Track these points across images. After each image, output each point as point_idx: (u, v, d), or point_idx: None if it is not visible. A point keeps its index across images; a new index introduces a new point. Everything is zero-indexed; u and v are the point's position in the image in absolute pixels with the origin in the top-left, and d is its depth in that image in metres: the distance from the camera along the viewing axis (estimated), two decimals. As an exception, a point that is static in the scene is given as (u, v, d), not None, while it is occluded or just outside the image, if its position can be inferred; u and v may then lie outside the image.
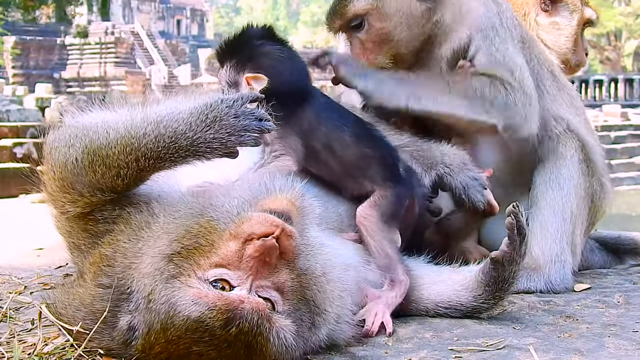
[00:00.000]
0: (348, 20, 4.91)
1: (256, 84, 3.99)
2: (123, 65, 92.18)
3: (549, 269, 4.62)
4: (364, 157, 3.97)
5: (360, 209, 3.87)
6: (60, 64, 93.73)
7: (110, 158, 3.33)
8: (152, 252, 3.20)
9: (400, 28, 4.80)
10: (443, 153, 4.53)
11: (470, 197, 4.40)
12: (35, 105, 37.06)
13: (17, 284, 4.96)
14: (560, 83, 5.20)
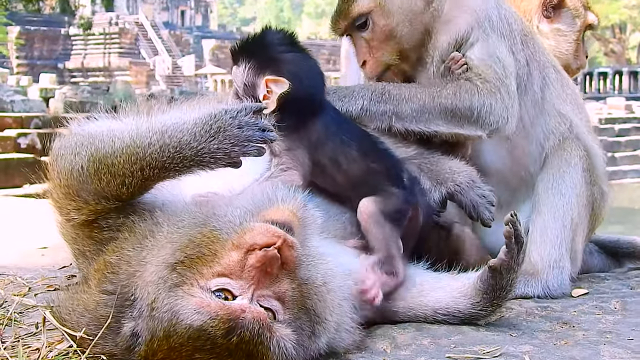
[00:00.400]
0: (353, 19, 4.98)
1: (276, 87, 4.02)
2: (127, 55, 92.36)
3: (547, 275, 4.66)
4: (370, 171, 4.01)
5: (362, 202, 3.92)
6: (64, 54, 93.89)
7: (115, 167, 3.40)
8: (156, 261, 3.26)
9: (403, 24, 4.87)
10: (452, 170, 4.56)
11: (479, 215, 4.45)
12: (40, 95, 37.09)
13: (22, 285, 5.00)
14: (563, 79, 5.26)
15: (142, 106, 4.14)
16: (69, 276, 5.21)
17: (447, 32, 4.84)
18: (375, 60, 4.97)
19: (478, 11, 4.83)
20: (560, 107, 5.05)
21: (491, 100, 4.60)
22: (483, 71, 4.67)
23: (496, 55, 4.74)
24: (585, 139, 5.02)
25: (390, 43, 4.91)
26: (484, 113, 4.60)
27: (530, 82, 4.99)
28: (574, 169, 4.83)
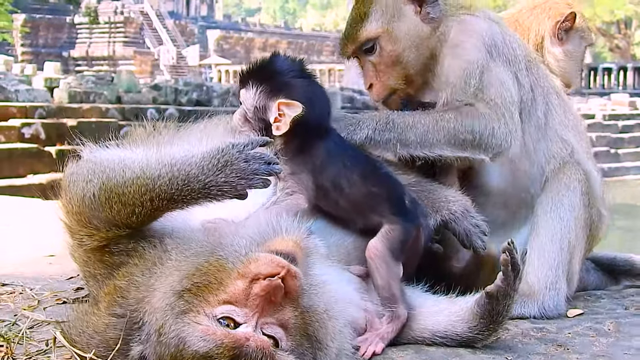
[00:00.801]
0: (361, 44, 5.09)
1: (289, 110, 4.14)
2: (132, 45, 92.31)
3: (544, 296, 4.75)
4: (372, 195, 4.09)
5: (371, 243, 3.99)
6: (69, 42, 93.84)
7: (126, 196, 3.51)
8: (164, 288, 3.38)
9: (409, 49, 4.99)
10: (448, 199, 4.66)
11: (472, 243, 4.57)
12: (44, 85, 37.04)
13: (31, 298, 5.10)
14: (565, 104, 5.33)
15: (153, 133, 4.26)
16: (76, 288, 5.32)
17: (453, 56, 4.94)
18: (382, 84, 5.08)
19: (484, 36, 4.92)
20: (562, 133, 5.13)
21: (494, 125, 4.68)
22: (487, 96, 4.76)
23: (501, 81, 4.82)
24: (585, 164, 5.10)
25: (397, 68, 5.02)
26: (487, 136, 4.68)
27: (534, 108, 5.07)
28: (573, 192, 4.91)
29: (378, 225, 4.05)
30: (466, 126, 4.68)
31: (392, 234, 3.99)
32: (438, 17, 5.04)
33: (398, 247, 3.99)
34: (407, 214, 4.09)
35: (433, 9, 5.03)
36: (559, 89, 5.37)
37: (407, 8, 5.05)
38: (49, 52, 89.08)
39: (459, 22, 5.03)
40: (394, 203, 4.10)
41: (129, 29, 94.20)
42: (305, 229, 3.61)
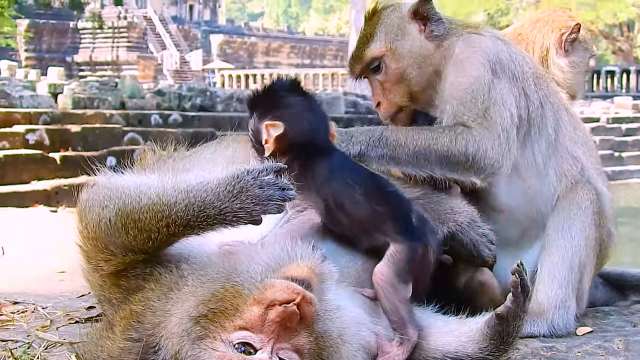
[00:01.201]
0: (367, 63, 5.22)
1: (273, 130, 4.19)
2: (135, 49, 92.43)
3: (553, 314, 4.77)
4: (376, 214, 4.07)
5: (377, 269, 3.99)
6: (72, 47, 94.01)
7: (142, 222, 3.55)
8: (180, 313, 3.42)
9: (412, 67, 5.10)
10: (453, 210, 4.71)
11: (479, 253, 4.62)
12: (48, 91, 37.03)
13: (43, 317, 5.15)
14: (575, 120, 5.35)
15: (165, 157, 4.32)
16: (88, 307, 5.36)
17: (456, 73, 4.98)
18: (388, 102, 5.19)
19: (488, 53, 4.95)
20: (572, 149, 5.14)
21: (487, 147, 4.71)
22: (486, 115, 4.79)
23: (503, 99, 4.84)
24: (596, 182, 5.11)
25: (402, 85, 5.12)
26: (479, 159, 4.71)
27: (544, 124, 5.08)
28: (584, 212, 4.92)
29: (384, 245, 4.03)
30: (459, 148, 4.72)
31: (398, 256, 3.97)
32: (442, 35, 5.12)
33: (405, 269, 3.98)
34: (413, 233, 4.06)
35: (437, 27, 5.13)
36: (567, 104, 5.39)
37: (412, 27, 5.16)
38: (52, 57, 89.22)
39: (464, 39, 5.09)
40: (399, 222, 4.07)
41: (132, 34, 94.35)
42: (320, 254, 3.64)
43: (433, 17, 5.14)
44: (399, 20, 5.19)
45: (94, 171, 4.09)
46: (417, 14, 5.16)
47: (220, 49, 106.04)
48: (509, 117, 4.81)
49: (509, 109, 4.84)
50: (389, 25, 5.19)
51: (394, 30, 5.16)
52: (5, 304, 5.42)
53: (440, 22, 5.14)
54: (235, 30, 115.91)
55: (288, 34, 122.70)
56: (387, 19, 5.23)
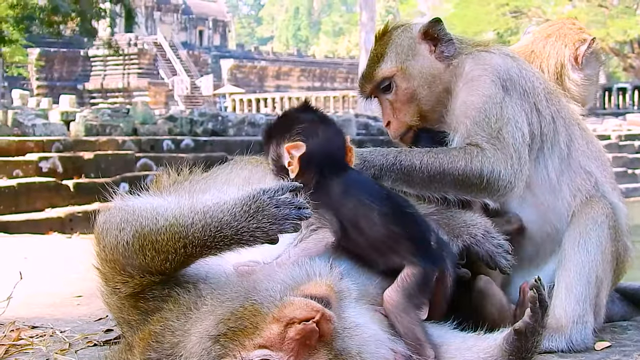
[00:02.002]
0: (377, 83, 5.24)
1: (295, 151, 4.18)
2: (146, 76, 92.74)
3: (571, 330, 4.74)
4: (392, 235, 4.04)
5: (387, 294, 3.97)
6: (83, 75, 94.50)
7: (159, 243, 3.58)
8: (200, 333, 3.44)
9: (422, 87, 5.12)
10: (467, 223, 4.71)
11: (497, 264, 4.61)
12: (60, 119, 37.30)
13: (62, 341, 5.16)
14: (588, 135, 5.33)
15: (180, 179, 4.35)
16: (106, 330, 5.37)
17: (467, 92, 4.99)
18: (398, 122, 5.21)
19: (499, 70, 4.96)
20: (585, 164, 5.13)
21: (501, 168, 4.72)
22: (499, 135, 4.80)
23: (515, 119, 4.85)
24: (611, 196, 5.09)
25: (412, 105, 5.14)
26: (493, 180, 4.72)
27: (557, 139, 5.08)
28: (600, 227, 4.90)
29: (399, 267, 4.00)
30: (474, 171, 4.72)
31: (409, 280, 3.95)
32: (452, 55, 5.15)
33: (417, 292, 3.96)
34: (429, 256, 4.04)
35: (447, 48, 5.16)
36: (580, 119, 5.37)
37: (422, 47, 5.19)
38: (63, 85, 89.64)
39: (473, 57, 5.10)
40: (415, 244, 4.05)
41: (142, 61, 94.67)
42: (338, 272, 3.66)
43: (443, 37, 5.17)
44: (410, 40, 5.22)
45: (107, 197, 4.12)
46: (427, 35, 5.19)
47: (231, 73, 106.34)
48: (520, 137, 4.81)
49: (520, 128, 4.84)
50: (399, 45, 5.22)
51: (404, 51, 5.19)
52: (24, 329, 5.43)
53: (450, 42, 5.17)
54: (245, 54, 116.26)
55: (298, 57, 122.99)
56: (397, 39, 5.25)
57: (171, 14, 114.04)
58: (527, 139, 4.86)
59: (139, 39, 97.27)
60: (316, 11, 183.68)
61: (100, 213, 3.92)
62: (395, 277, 3.99)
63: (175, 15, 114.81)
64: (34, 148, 30.88)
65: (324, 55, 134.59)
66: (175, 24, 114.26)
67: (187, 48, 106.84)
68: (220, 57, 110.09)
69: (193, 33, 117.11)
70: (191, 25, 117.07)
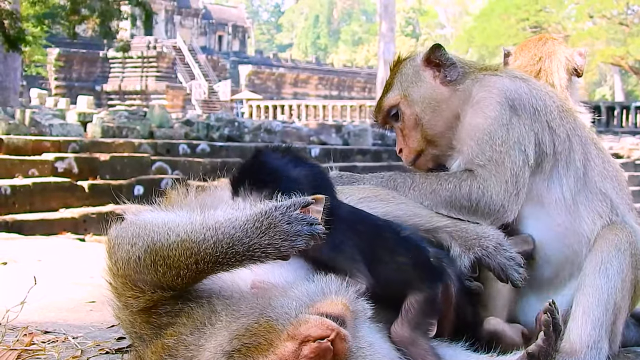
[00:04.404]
0: (386, 112, 5.36)
1: (317, 205, 3.80)
2: (164, 79, 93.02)
3: (585, 355, 4.68)
4: (403, 266, 4.01)
5: (393, 330, 3.93)
6: (102, 76, 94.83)
7: (171, 259, 3.58)
8: (214, 348, 3.43)
9: (425, 112, 5.16)
10: (479, 235, 4.70)
11: (508, 277, 4.61)
12: (77, 120, 37.45)
13: (74, 347, 5.18)
14: (604, 155, 5.29)
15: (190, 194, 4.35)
16: (118, 338, 5.38)
17: (473, 114, 5.00)
18: (408, 148, 5.26)
19: (506, 91, 4.95)
20: (601, 185, 5.08)
21: (492, 192, 4.74)
22: (497, 159, 4.80)
23: (520, 142, 4.85)
24: (631, 222, 5.06)
25: (418, 130, 5.19)
26: (483, 204, 4.74)
27: (572, 158, 5.04)
28: (623, 254, 4.84)
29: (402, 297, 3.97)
30: (463, 194, 4.76)
31: (414, 309, 3.92)
32: (457, 79, 5.17)
33: (423, 319, 3.94)
34: (431, 276, 4.03)
35: (450, 72, 5.19)
36: (596, 138, 5.34)
37: (426, 73, 5.25)
38: (81, 86, 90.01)
39: (480, 81, 5.11)
40: (417, 268, 4.03)
41: (161, 64, 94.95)
42: (354, 291, 3.64)
43: (446, 62, 5.21)
44: (414, 68, 5.31)
45: (122, 200, 4.12)
46: (429, 61, 5.25)
47: (249, 79, 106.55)
48: (521, 161, 4.80)
49: (525, 151, 4.83)
50: (404, 74, 5.33)
51: (408, 78, 5.28)
52: (36, 334, 5.44)
53: (453, 67, 5.20)
54: (264, 61, 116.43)
55: (316, 65, 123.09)
56: (404, 68, 5.36)
57: (191, 19, 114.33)
58: (530, 161, 4.85)
59: (158, 42, 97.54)
60: (336, 20, 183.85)
61: (112, 227, 3.92)
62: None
63: (195, 20, 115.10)
64: (50, 148, 31.01)
65: (343, 64, 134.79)
66: (194, 28, 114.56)
67: (206, 53, 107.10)
68: (239, 63, 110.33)
69: (212, 38, 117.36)
70: (211, 30, 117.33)
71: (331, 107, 74.39)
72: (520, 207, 4.85)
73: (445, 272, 4.16)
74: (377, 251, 4.01)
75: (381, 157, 42.36)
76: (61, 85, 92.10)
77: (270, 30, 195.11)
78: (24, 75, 72.13)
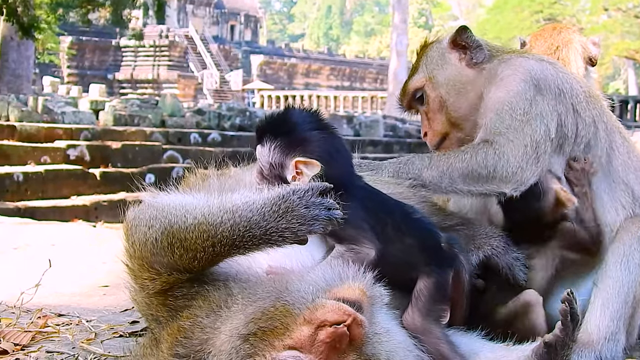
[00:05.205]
0: (412, 95, 5.37)
1: (307, 169, 3.98)
2: (176, 68, 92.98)
3: (602, 346, 4.65)
4: (408, 249, 3.97)
5: (405, 318, 3.89)
6: (114, 65, 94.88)
7: (188, 241, 3.56)
8: (230, 331, 3.42)
9: (450, 94, 5.18)
10: (488, 235, 4.76)
11: (514, 276, 4.67)
12: (90, 108, 37.53)
13: (88, 330, 5.20)
14: (629, 145, 5.22)
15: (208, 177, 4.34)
16: (132, 321, 5.40)
17: (496, 89, 4.97)
18: (433, 131, 5.28)
19: (531, 70, 4.93)
20: (624, 175, 5.03)
21: (508, 156, 4.67)
22: (517, 127, 4.74)
23: (542, 116, 4.80)
24: None
25: (443, 112, 5.21)
26: (500, 168, 4.67)
27: (596, 144, 5.00)
28: None
29: (414, 279, 3.94)
30: (479, 161, 4.71)
31: (424, 295, 3.88)
32: (482, 61, 5.17)
33: (434, 305, 3.90)
34: (442, 260, 3.99)
35: (476, 55, 5.20)
36: (621, 127, 5.29)
37: (452, 56, 5.26)
38: (94, 74, 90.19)
39: (506, 61, 5.10)
40: (427, 252, 3.98)
41: (173, 53, 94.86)
42: (371, 276, 3.62)
43: (472, 44, 5.22)
44: (440, 50, 5.32)
45: (134, 188, 4.11)
46: (456, 43, 5.26)
47: (260, 69, 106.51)
48: (543, 132, 4.74)
49: (547, 125, 4.78)
50: (430, 57, 5.33)
51: (434, 61, 5.29)
52: (50, 316, 5.47)
53: (479, 49, 5.21)
54: (276, 51, 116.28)
55: (328, 55, 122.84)
56: (430, 51, 5.36)
57: (203, 8, 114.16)
58: (551, 135, 4.78)
59: (170, 31, 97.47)
60: (348, 10, 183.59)
61: (130, 209, 3.91)
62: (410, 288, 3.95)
63: (208, 9, 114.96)
64: (62, 135, 31.12)
65: (355, 55, 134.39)
66: (207, 17, 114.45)
67: (218, 42, 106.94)
68: (251, 53, 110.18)
69: (224, 27, 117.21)
70: (223, 19, 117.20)
71: (343, 98, 74.38)
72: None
73: (457, 258, 4.10)
74: (384, 229, 3.96)
75: (392, 149, 42.29)
76: (73, 73, 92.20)
77: (283, 20, 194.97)
78: (37, 63, 72.08)
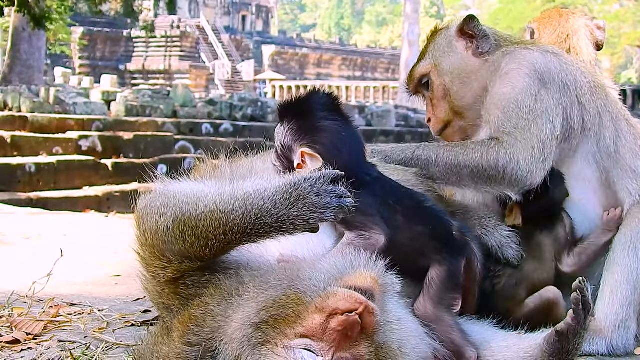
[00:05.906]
0: (418, 81, 5.44)
1: (311, 161, 4.04)
2: (187, 59, 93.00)
3: (612, 334, 4.67)
4: (418, 238, 3.96)
5: (417, 306, 3.90)
6: (125, 56, 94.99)
7: (199, 229, 3.56)
8: (241, 319, 3.41)
9: (454, 82, 5.24)
10: (479, 215, 4.81)
11: (504, 255, 4.68)
12: (101, 98, 37.59)
13: (100, 320, 5.22)
14: (637, 132, 5.22)
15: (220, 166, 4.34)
16: (144, 311, 5.42)
17: (501, 84, 4.97)
18: (436, 118, 5.36)
19: (535, 64, 4.93)
20: (631, 162, 5.02)
21: (519, 158, 4.68)
22: (524, 127, 4.75)
23: (548, 112, 4.80)
24: None
25: (447, 100, 5.27)
26: (510, 171, 4.69)
27: (603, 134, 4.99)
28: None
29: (426, 267, 3.94)
30: (490, 162, 4.72)
31: (436, 283, 3.89)
32: (488, 51, 5.19)
33: (445, 293, 3.90)
34: (453, 248, 3.98)
35: (483, 44, 5.24)
36: (628, 115, 5.30)
37: (459, 44, 5.31)
38: (105, 65, 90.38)
39: (510, 53, 5.11)
40: (438, 240, 3.98)
41: (185, 43, 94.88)
42: (383, 265, 3.62)
43: (479, 34, 5.25)
44: (447, 38, 5.36)
45: (145, 178, 4.12)
46: (463, 32, 5.30)
47: (272, 59, 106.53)
48: (549, 130, 4.76)
49: (552, 122, 4.79)
50: (437, 44, 5.39)
51: (440, 48, 5.35)
52: (62, 306, 5.48)
53: (486, 38, 5.25)
54: (287, 41, 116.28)
55: (340, 46, 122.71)
56: (438, 38, 5.42)
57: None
58: (557, 132, 4.80)
59: (182, 21, 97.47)
60: (360, 0, 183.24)
61: (141, 197, 3.90)
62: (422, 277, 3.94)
63: (219, 0, 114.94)
64: (74, 126, 31.21)
65: (366, 45, 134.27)
66: (218, 8, 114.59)
67: (230, 32, 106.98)
68: (262, 43, 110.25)
69: (236, 18, 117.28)
70: (234, 9, 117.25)
71: (354, 88, 74.38)
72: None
73: (468, 247, 4.11)
74: (395, 217, 3.96)
75: (404, 138, 42.22)
76: (85, 64, 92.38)
77: (294, 11, 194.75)
78: (49, 54, 72.16)
